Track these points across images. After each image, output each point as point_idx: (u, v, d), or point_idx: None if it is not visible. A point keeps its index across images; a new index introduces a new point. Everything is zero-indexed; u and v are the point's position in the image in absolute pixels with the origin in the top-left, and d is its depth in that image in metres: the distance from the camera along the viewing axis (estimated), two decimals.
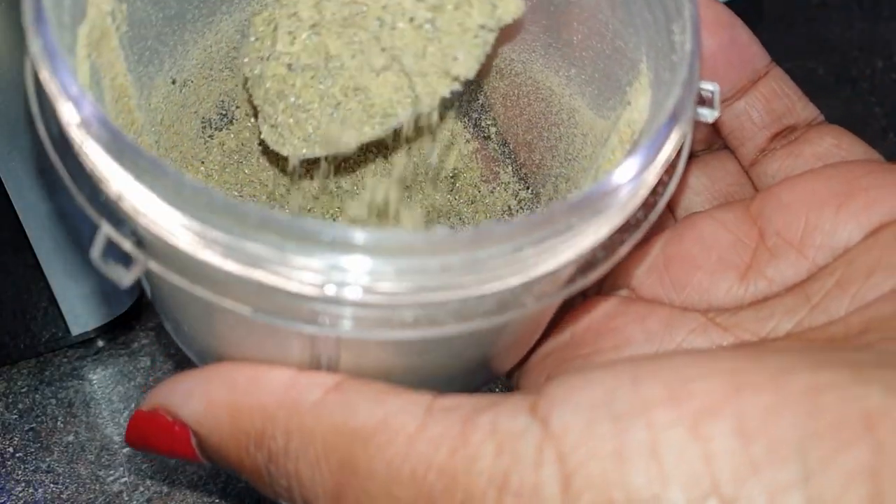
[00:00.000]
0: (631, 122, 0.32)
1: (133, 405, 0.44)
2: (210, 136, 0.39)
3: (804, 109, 0.37)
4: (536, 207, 0.39)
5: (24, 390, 0.45)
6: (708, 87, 0.31)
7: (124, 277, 0.27)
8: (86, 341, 0.46)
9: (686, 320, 0.34)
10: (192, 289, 0.27)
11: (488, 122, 0.40)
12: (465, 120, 0.41)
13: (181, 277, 0.27)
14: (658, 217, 0.30)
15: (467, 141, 0.41)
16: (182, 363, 0.46)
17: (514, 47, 0.38)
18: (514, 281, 0.27)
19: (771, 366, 0.26)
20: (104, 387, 0.45)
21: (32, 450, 0.43)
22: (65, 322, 0.43)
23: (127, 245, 0.27)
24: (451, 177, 0.41)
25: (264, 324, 0.28)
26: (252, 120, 0.40)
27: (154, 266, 0.27)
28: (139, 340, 0.46)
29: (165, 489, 0.42)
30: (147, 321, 0.47)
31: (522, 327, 0.33)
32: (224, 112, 0.39)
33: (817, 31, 0.58)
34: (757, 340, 0.32)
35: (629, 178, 0.27)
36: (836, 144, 0.36)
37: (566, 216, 0.26)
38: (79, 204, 0.28)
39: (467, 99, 0.40)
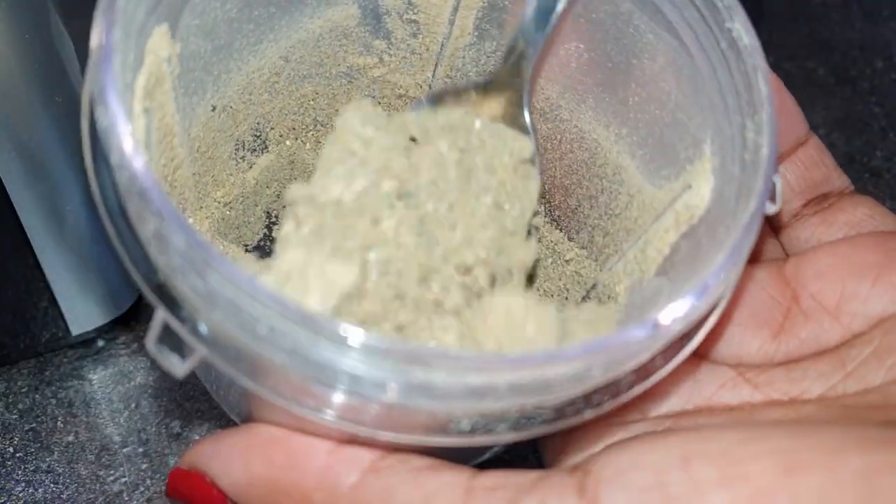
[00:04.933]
0: (691, 205, 0.32)
1: (133, 405, 0.44)
2: (242, 158, 0.39)
3: (838, 179, 0.37)
4: (569, 250, 0.39)
5: (24, 390, 0.45)
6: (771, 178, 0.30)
7: (179, 368, 0.27)
8: (86, 341, 0.46)
9: (716, 374, 0.33)
10: (252, 386, 0.27)
11: None
12: None
13: (242, 374, 0.27)
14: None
15: None
16: None
17: (562, 94, 0.38)
18: (575, 393, 0.27)
19: (824, 445, 0.26)
20: (104, 387, 0.45)
21: (32, 450, 0.43)
22: (65, 322, 0.43)
23: (185, 334, 0.26)
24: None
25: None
26: (287, 142, 0.40)
27: (213, 357, 0.27)
28: (139, 340, 0.46)
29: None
30: (147, 321, 0.47)
31: None
32: (258, 134, 0.39)
33: (817, 31, 0.58)
34: (787, 400, 0.32)
35: (688, 314, 0.27)
36: (869, 215, 0.36)
37: (636, 345, 0.27)
38: (133, 280, 0.27)
39: None
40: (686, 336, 0.29)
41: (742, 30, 0.31)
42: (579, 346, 0.26)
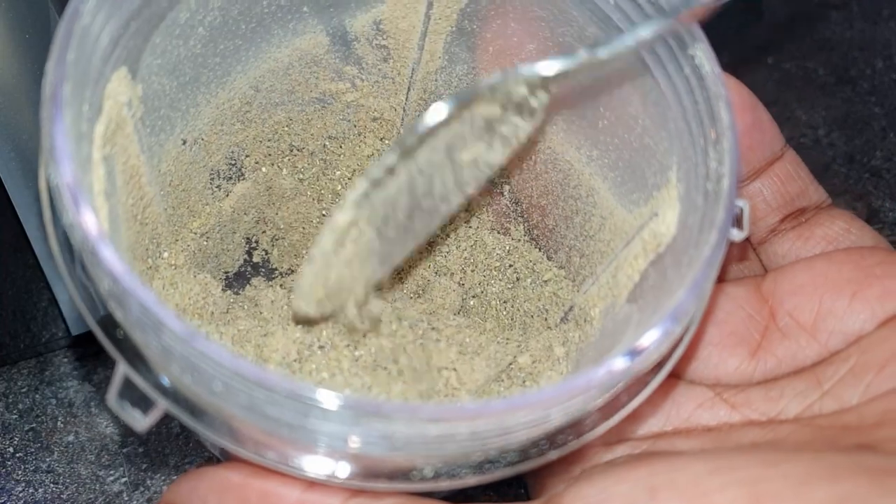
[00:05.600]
0: (657, 233, 0.32)
1: None
2: (217, 187, 0.39)
3: (815, 192, 0.37)
4: (547, 270, 0.39)
5: (24, 390, 0.45)
6: (738, 203, 0.30)
7: (141, 422, 0.26)
8: (86, 341, 0.46)
9: (693, 394, 0.34)
10: (214, 439, 0.27)
11: (502, 180, 0.40)
12: None
13: (204, 427, 0.27)
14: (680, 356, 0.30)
15: (479, 195, 0.40)
16: None
17: None
18: (538, 434, 0.27)
19: (792, 475, 0.26)
20: (104, 387, 0.45)
21: (32, 450, 0.43)
22: (65, 322, 0.43)
23: (147, 388, 0.26)
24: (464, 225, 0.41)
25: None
26: (263, 168, 0.40)
27: (175, 410, 0.27)
28: None
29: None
30: None
31: None
32: (233, 162, 0.39)
33: (817, 31, 0.58)
34: (765, 420, 0.32)
35: (653, 344, 0.27)
36: (846, 229, 0.36)
37: (598, 385, 0.27)
38: (94, 334, 0.27)
39: None
40: (651, 371, 0.29)
41: (703, 57, 0.31)
42: (536, 393, 0.26)
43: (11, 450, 0.43)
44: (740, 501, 0.25)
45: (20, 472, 0.42)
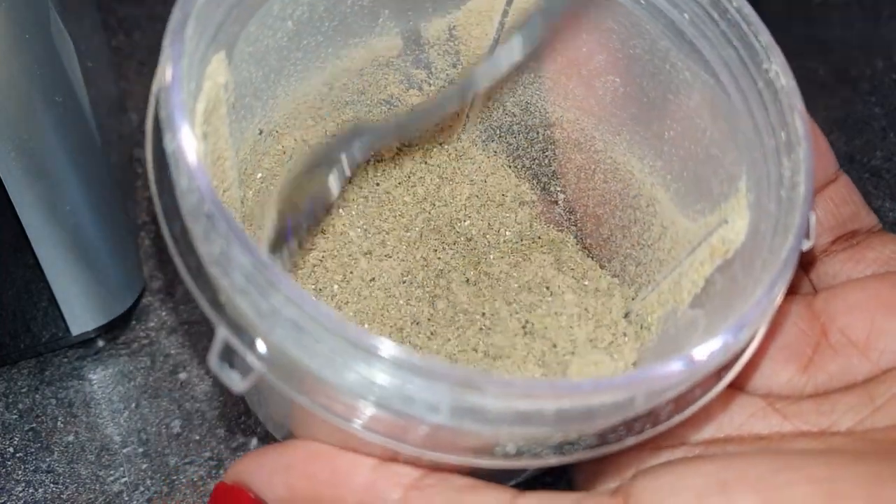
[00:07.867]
0: (727, 240, 0.33)
1: (133, 405, 0.44)
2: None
3: (867, 217, 0.38)
4: (601, 278, 0.39)
5: (24, 390, 0.45)
6: None
7: (238, 385, 0.27)
8: (86, 341, 0.46)
9: (746, 403, 0.34)
10: (307, 403, 0.28)
11: (557, 189, 0.40)
12: (534, 182, 0.41)
13: (296, 391, 0.28)
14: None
15: (533, 202, 0.41)
16: (179, 364, 0.46)
17: (597, 125, 0.38)
18: (617, 420, 0.28)
19: (862, 475, 0.26)
20: (104, 387, 0.45)
21: (32, 450, 0.43)
22: (65, 322, 0.43)
23: (245, 352, 0.27)
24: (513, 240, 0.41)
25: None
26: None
27: (271, 377, 0.27)
28: (139, 340, 0.46)
29: (165, 489, 0.42)
30: (147, 321, 0.47)
31: None
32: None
33: (817, 31, 0.58)
34: (817, 431, 0.33)
35: (727, 348, 0.28)
36: None
37: (679, 375, 0.27)
38: (196, 301, 0.28)
39: (538, 163, 0.41)
40: (723, 368, 0.30)
41: (780, 71, 0.32)
42: (624, 377, 0.27)
43: (11, 450, 0.43)
44: (812, 497, 0.26)
45: (20, 472, 0.42)
